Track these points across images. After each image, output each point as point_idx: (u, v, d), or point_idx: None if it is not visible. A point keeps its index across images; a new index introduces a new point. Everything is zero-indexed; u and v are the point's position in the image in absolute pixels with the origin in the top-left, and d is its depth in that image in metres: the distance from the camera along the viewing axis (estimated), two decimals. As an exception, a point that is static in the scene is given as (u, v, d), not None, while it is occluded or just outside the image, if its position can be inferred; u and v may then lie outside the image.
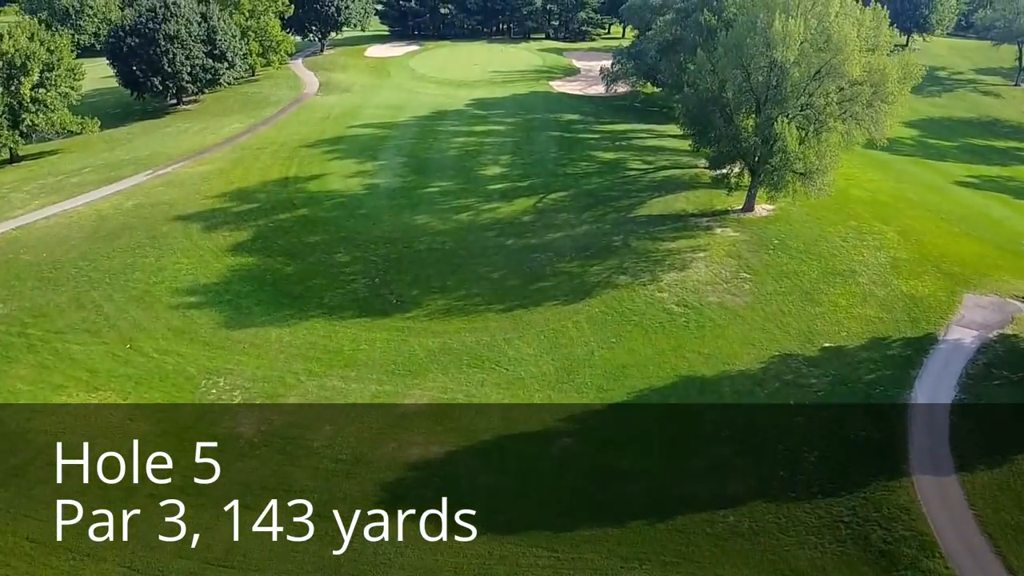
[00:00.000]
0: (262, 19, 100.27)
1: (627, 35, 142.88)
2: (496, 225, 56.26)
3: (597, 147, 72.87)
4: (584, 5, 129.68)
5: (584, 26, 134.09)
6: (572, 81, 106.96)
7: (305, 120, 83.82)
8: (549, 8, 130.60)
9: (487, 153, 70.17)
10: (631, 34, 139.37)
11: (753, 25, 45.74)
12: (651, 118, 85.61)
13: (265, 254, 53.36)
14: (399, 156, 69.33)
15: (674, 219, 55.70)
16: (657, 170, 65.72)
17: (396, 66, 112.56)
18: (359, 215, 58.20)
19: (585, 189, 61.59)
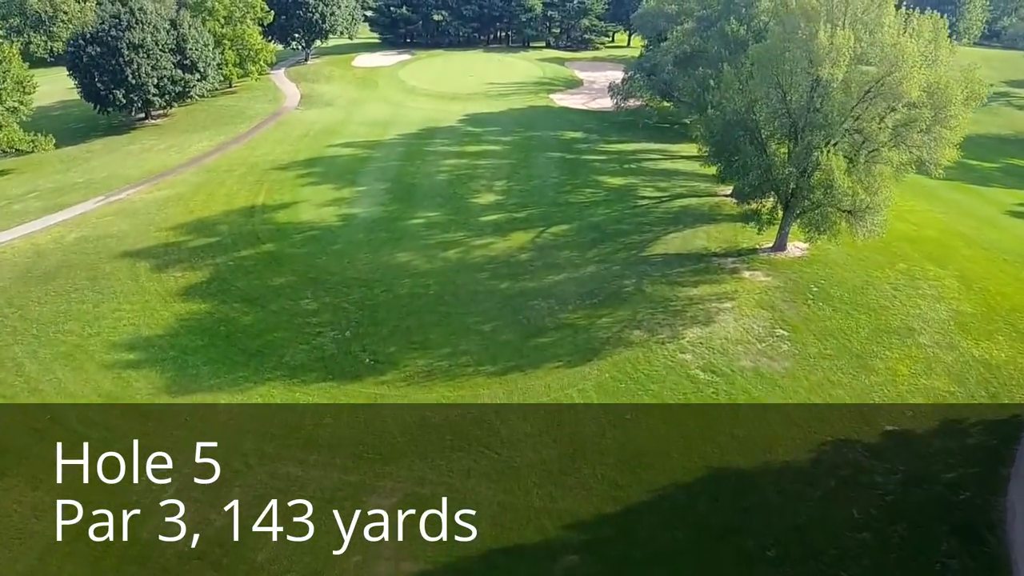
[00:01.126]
0: (239, 26, 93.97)
1: (633, 44, 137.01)
2: (489, 265, 49.59)
3: (603, 171, 66.33)
4: (587, 12, 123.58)
5: (587, 34, 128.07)
6: (575, 94, 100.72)
7: (281, 138, 77.33)
8: (550, 15, 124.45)
9: (480, 178, 63.63)
10: (638, 43, 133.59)
11: (791, 36, 39.15)
12: (662, 136, 79.25)
13: (221, 299, 46.63)
14: (382, 181, 62.77)
15: (694, 259, 49.03)
16: (672, 199, 59.11)
17: (385, 77, 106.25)
18: (332, 252, 51.53)
19: (590, 222, 54.95)
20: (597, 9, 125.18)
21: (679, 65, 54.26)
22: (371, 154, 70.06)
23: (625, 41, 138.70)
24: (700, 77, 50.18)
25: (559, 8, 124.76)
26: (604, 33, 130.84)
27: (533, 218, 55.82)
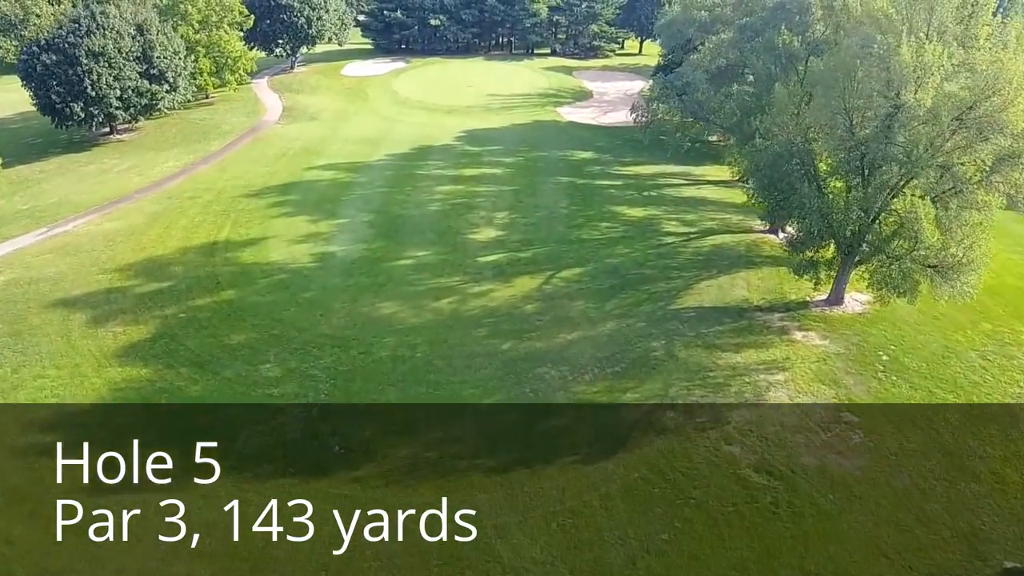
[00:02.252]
0: (215, 32, 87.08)
1: (645, 51, 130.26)
2: (488, 319, 42.48)
3: (620, 199, 59.26)
4: (597, 17, 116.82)
5: (596, 41, 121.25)
6: (583, 107, 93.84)
7: (256, 157, 70.34)
8: (556, 20, 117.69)
9: (479, 208, 56.54)
10: (653, 51, 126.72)
11: (865, 52, 32.09)
12: (683, 157, 72.12)
13: (166, 363, 39.54)
14: (365, 212, 55.69)
15: (734, 314, 41.89)
16: (702, 235, 51.99)
17: (376, 87, 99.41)
18: (303, 301, 44.42)
19: (608, 264, 47.84)
20: (607, 14, 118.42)
21: (713, 82, 47.17)
22: (355, 178, 63.05)
23: (636, 48, 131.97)
24: (742, 97, 43.09)
25: (566, 13, 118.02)
26: (614, 40, 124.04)
27: (540, 259, 48.70)
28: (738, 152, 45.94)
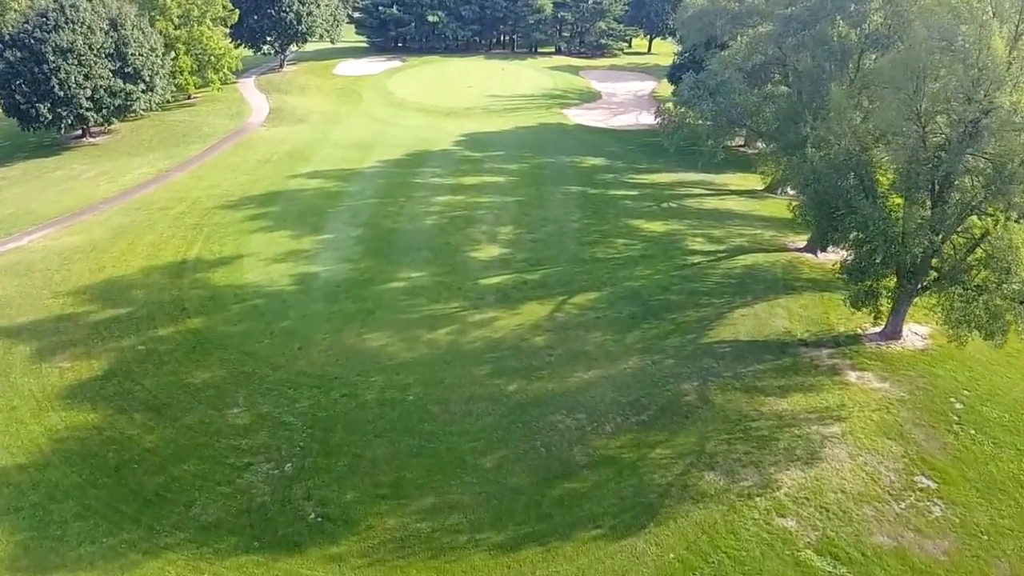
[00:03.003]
0: (196, 27, 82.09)
1: (655, 50, 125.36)
2: (491, 353, 37.35)
3: (637, 212, 54.19)
4: (604, 14, 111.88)
5: (603, 39, 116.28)
6: (591, 109, 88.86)
7: (237, 164, 65.29)
8: (561, 17, 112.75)
9: (481, 222, 51.45)
10: (664, 49, 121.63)
11: (942, 46, 26.99)
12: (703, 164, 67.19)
13: (118, 406, 34.49)
14: (354, 226, 50.60)
15: (775, 349, 36.79)
16: (731, 254, 46.89)
17: (370, 88, 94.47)
18: (279, 331, 39.32)
19: (627, 288, 42.72)
20: (616, 11, 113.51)
21: (747, 82, 41.89)
22: (344, 188, 57.97)
23: (645, 47, 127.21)
24: (786, 99, 37.84)
25: (572, 9, 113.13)
26: (622, 38, 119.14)
27: (550, 281, 43.60)
28: (777, 161, 40.79)
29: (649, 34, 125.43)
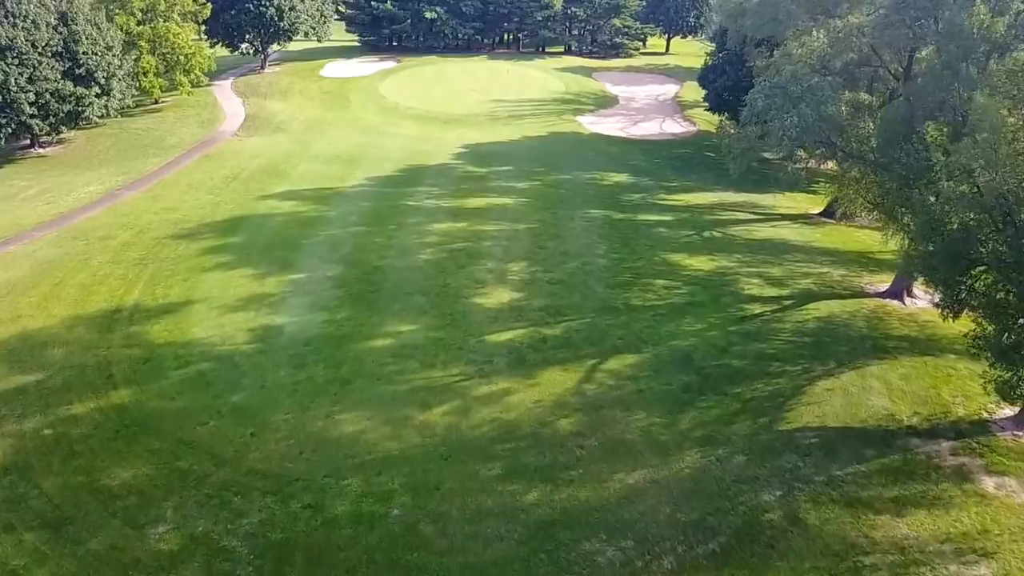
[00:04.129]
0: (161, 23, 74.18)
1: (673, 50, 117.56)
2: (503, 443, 29.22)
3: (674, 243, 46.12)
4: (620, 10, 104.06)
5: (617, 37, 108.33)
6: (608, 116, 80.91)
7: (200, 181, 57.24)
8: (572, 13, 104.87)
9: (486, 257, 43.30)
10: (682, 49, 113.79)
11: None
12: (740, 180, 59.20)
13: (3, 522, 26.29)
14: (331, 263, 42.44)
15: (877, 440, 28.65)
16: (798, 301, 38.75)
17: (360, 91, 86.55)
18: (228, 409, 31.16)
19: (675, 349, 34.53)
20: (633, 6, 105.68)
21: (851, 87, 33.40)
22: (322, 212, 49.87)
23: (662, 46, 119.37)
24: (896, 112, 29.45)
25: (584, 5, 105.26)
26: (639, 37, 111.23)
27: (576, 338, 35.42)
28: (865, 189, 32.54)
29: (667, 32, 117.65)
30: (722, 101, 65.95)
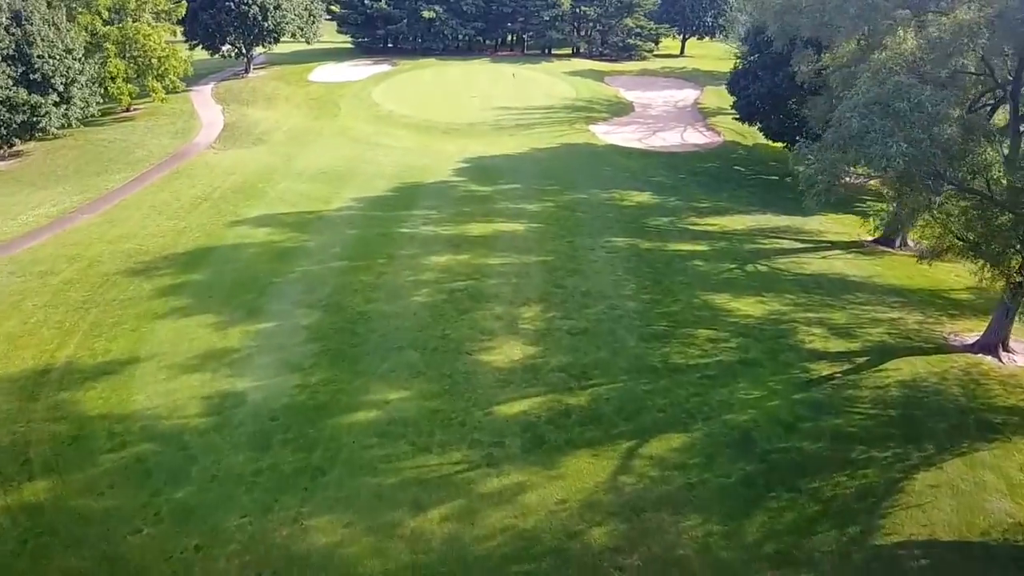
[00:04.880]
0: (130, 24, 68.14)
1: (688, 52, 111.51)
2: (519, 563, 23.11)
3: (715, 279, 39.89)
4: (633, 9, 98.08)
5: (630, 38, 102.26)
6: (624, 124, 74.83)
7: (166, 203, 51.08)
8: (582, 12, 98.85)
9: (493, 299, 37.01)
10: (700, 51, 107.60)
11: None
12: (776, 195, 53.27)
13: None
14: (306, 307, 36.17)
15: (1007, 563, 22.25)
16: (872, 359, 32.47)
17: (351, 98, 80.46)
18: (171, 510, 24.92)
19: (730, 425, 28.26)
20: (647, 5, 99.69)
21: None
22: (301, 242, 43.65)
23: (677, 48, 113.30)
24: None
25: (595, 4, 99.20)
26: (653, 38, 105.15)
27: (606, 410, 29.16)
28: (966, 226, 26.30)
29: (683, 33, 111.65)
30: (755, 110, 59.93)
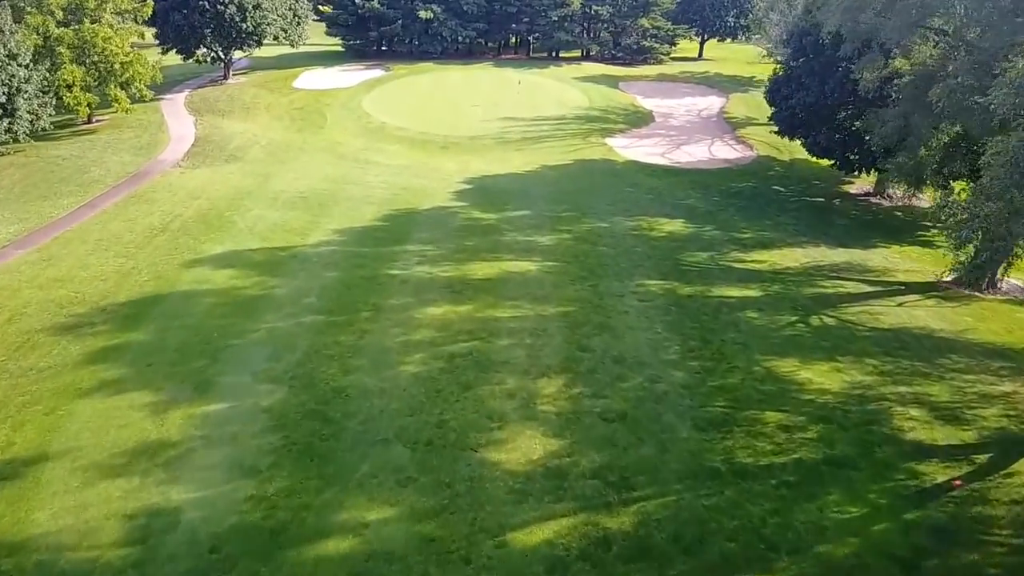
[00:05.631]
0: (87, 26, 61.46)
1: (706, 55, 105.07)
2: None
3: (773, 336, 33.06)
4: (650, 8, 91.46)
5: (645, 40, 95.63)
6: (645, 137, 68.10)
7: (116, 235, 44.27)
8: (595, 12, 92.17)
9: (502, 367, 30.00)
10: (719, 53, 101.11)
11: None
12: (825, 221, 46.60)
13: None
14: (269, 382, 29.18)
15: None
16: (998, 455, 25.68)
17: (339, 107, 73.74)
18: None
19: (826, 564, 21.30)
20: (665, 3, 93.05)
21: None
22: (269, 289, 36.69)
23: (694, 51, 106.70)
24: None
25: (608, 3, 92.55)
26: (670, 40, 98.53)
27: (656, 540, 22.22)
28: None
29: (702, 34, 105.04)
30: (798, 123, 53.15)
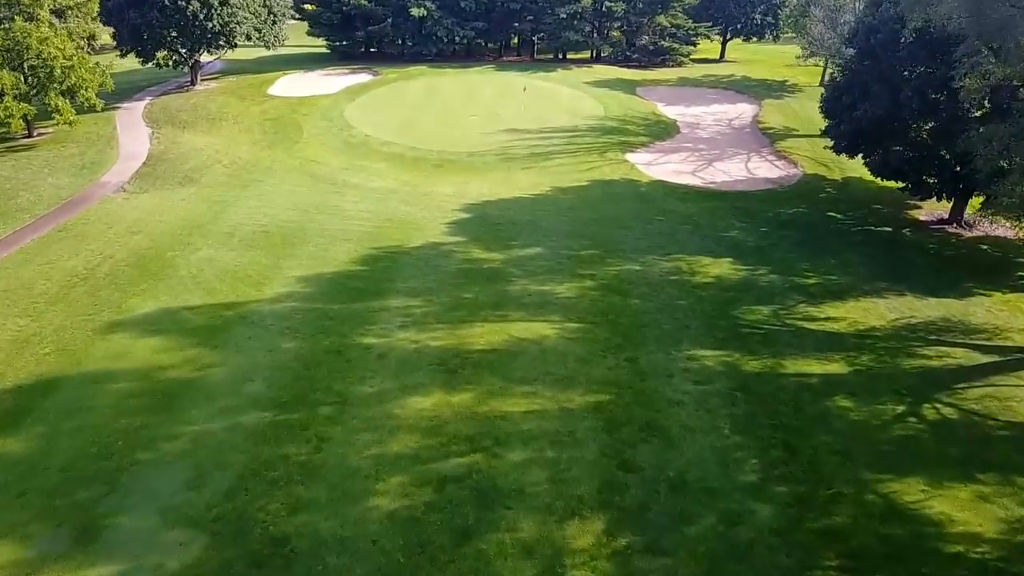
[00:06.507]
0: (19, 25, 53.51)
1: (729, 55, 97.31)
2: None
3: (879, 437, 24.83)
4: (670, 5, 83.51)
5: (664, 39, 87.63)
6: (671, 151, 60.01)
7: (28, 283, 36.12)
8: (608, 9, 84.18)
9: (514, 502, 21.59)
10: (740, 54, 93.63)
11: None
12: (899, 258, 38.55)
13: None
14: (182, 526, 20.80)
15: None
16: None
17: (318, 117, 65.65)
18: None
19: None
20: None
21: None
22: (204, 369, 28.33)
23: (716, 52, 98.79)
24: None
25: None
26: (690, 40, 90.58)
27: None
28: None
29: (725, 33, 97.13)
30: (863, 138, 45.00)
